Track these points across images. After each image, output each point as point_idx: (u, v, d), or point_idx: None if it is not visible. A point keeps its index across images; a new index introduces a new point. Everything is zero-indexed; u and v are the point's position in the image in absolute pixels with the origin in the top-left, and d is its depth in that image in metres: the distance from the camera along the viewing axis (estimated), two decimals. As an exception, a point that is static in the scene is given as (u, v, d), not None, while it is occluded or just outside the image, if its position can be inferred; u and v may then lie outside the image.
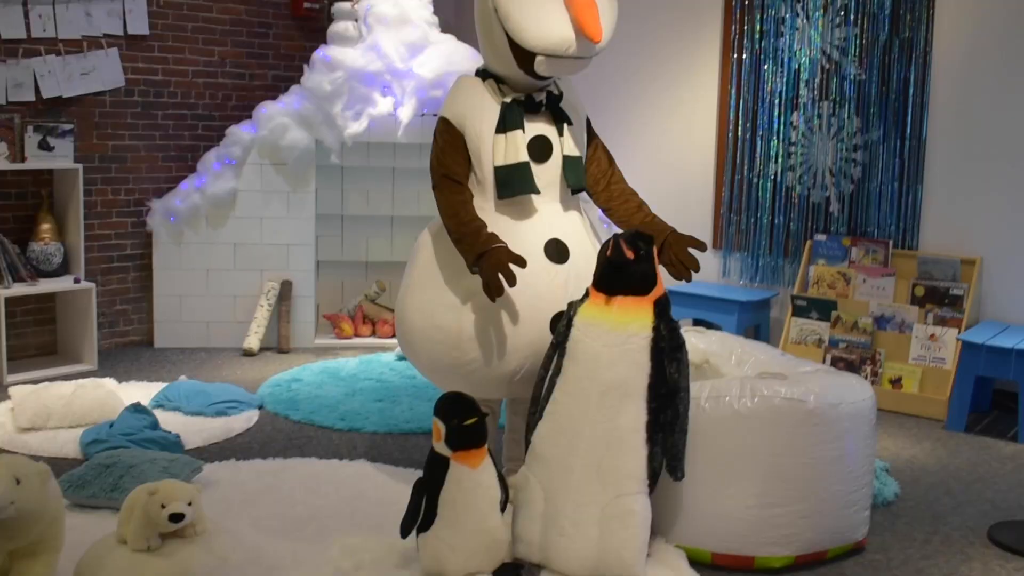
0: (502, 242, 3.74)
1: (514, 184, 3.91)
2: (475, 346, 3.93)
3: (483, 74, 4.10)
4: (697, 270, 3.98)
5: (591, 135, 4.31)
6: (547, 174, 4.06)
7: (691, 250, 3.93)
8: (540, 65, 3.86)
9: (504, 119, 3.94)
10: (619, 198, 4.21)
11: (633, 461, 3.48)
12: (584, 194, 4.22)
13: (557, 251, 3.99)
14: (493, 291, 3.64)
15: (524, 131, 3.96)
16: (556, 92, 4.11)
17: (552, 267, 3.95)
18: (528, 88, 4.03)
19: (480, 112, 3.98)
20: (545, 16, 3.79)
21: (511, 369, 3.94)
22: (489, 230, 3.82)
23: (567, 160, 4.08)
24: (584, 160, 4.21)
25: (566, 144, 4.08)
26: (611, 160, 4.30)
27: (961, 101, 6.05)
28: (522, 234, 3.95)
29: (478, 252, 3.71)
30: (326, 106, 6.81)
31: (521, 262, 3.65)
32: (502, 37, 3.89)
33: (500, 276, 3.62)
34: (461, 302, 3.96)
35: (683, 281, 3.98)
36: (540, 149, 4.00)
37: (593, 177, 4.24)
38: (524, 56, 3.86)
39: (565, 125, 4.10)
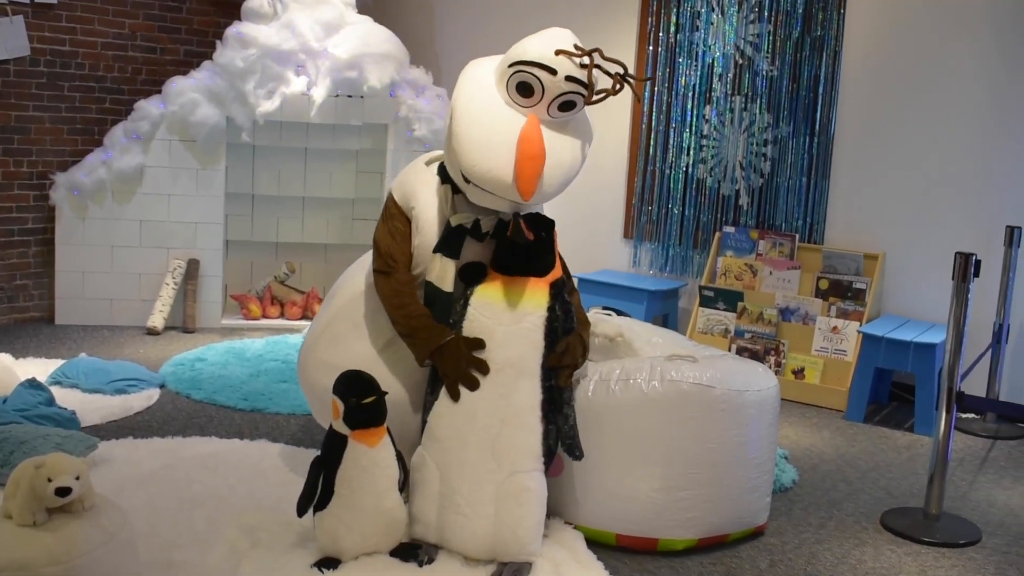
0: (451, 332, 3.58)
1: (434, 309, 3.67)
2: None
3: (443, 173, 3.76)
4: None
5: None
6: None
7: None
8: (471, 191, 3.60)
9: (443, 243, 3.66)
10: None
11: (528, 438, 3.48)
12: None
13: None
14: (468, 384, 3.49)
15: (459, 258, 3.66)
16: (507, 220, 3.78)
17: None
18: (480, 206, 3.68)
19: (426, 222, 3.72)
20: (489, 148, 3.49)
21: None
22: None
23: None
24: None
25: None
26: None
27: (869, 100, 6.16)
28: None
29: (432, 347, 3.57)
30: (238, 83, 6.71)
31: (481, 344, 3.52)
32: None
33: (471, 371, 3.49)
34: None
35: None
36: (474, 274, 3.73)
37: None
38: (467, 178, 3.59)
39: None
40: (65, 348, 6.23)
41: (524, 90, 3.53)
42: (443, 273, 3.64)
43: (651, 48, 6.94)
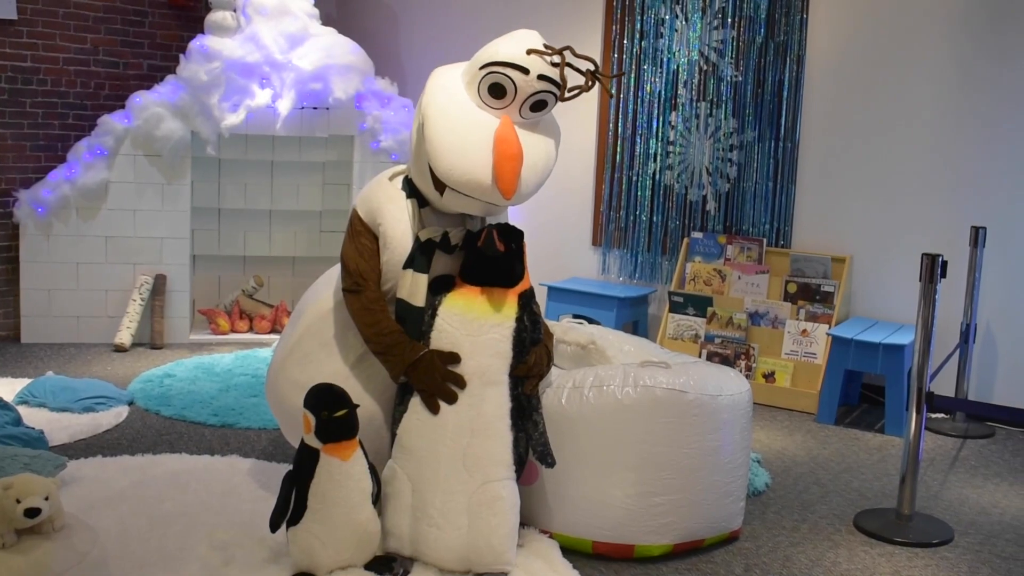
0: (424, 347, 3.57)
1: (405, 324, 3.65)
2: None
3: (408, 187, 3.73)
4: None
5: None
6: None
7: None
8: (447, 197, 3.57)
9: (414, 257, 3.63)
10: None
11: (499, 447, 3.48)
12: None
13: None
14: (446, 398, 3.49)
15: (429, 272, 3.65)
16: (475, 231, 3.79)
17: None
18: (447, 218, 3.71)
19: (394, 238, 3.67)
20: (466, 151, 3.48)
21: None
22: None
23: None
24: None
25: None
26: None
27: (833, 104, 6.21)
28: None
29: (407, 363, 3.55)
30: (203, 97, 6.67)
31: (456, 359, 3.51)
32: (423, 144, 3.58)
33: (448, 384, 3.49)
34: None
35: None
36: (444, 286, 3.72)
37: None
38: (439, 180, 3.55)
39: None
40: (32, 367, 6.17)
41: (496, 91, 3.53)
42: (414, 288, 3.63)
43: (616, 55, 6.96)
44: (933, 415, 5.74)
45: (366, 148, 7.01)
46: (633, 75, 6.90)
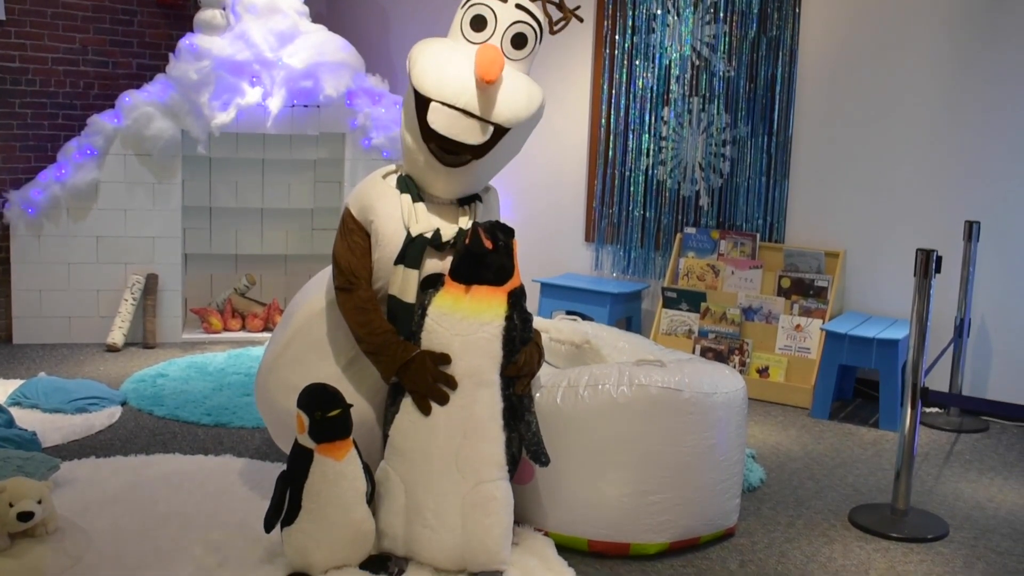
0: (417, 348, 3.55)
1: (397, 321, 3.65)
2: None
3: (401, 184, 3.78)
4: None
5: None
6: None
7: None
8: (432, 113, 3.61)
9: (405, 252, 3.64)
10: None
11: (491, 448, 3.46)
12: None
13: None
14: (438, 399, 3.47)
15: (421, 270, 3.65)
16: (467, 229, 3.76)
17: None
18: (440, 216, 3.74)
19: (386, 235, 3.68)
20: (449, 65, 3.66)
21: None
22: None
23: None
24: None
25: None
26: None
27: (826, 99, 6.20)
28: None
29: (399, 363, 3.53)
30: (193, 95, 6.64)
31: (447, 359, 3.48)
32: (412, 101, 3.71)
33: (439, 386, 3.47)
34: None
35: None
36: (433, 284, 3.69)
37: None
38: (423, 113, 3.63)
39: None
40: (24, 368, 6.14)
41: (478, 23, 3.76)
42: (405, 284, 3.62)
43: (607, 51, 6.95)
44: (927, 410, 5.73)
45: (357, 145, 6.99)
46: (625, 71, 6.89)
